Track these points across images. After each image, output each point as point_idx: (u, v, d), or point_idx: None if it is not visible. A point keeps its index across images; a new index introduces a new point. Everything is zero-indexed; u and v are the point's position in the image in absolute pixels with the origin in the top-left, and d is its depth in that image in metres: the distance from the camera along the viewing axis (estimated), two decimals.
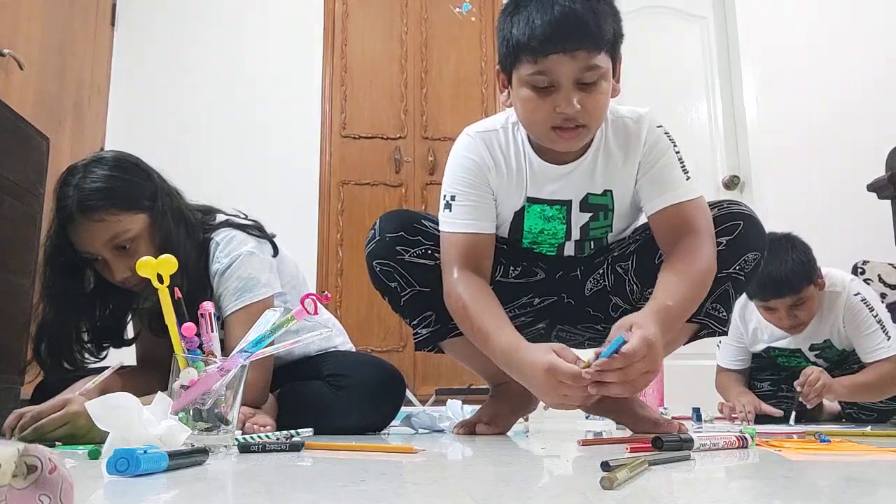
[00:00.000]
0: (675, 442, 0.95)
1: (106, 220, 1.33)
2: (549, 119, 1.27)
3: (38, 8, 2.58)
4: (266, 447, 1.00)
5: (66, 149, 2.81)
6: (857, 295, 2.08)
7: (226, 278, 1.43)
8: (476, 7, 3.65)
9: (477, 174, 1.39)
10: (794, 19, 3.77)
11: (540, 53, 1.22)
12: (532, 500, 0.57)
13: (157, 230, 1.38)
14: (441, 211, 1.40)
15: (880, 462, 0.88)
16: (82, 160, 1.40)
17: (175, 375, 0.95)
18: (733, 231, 1.35)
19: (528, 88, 1.27)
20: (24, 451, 0.40)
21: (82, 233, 1.33)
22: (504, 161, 1.40)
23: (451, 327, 1.42)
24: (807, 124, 3.60)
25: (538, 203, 1.42)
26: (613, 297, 1.50)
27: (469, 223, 1.37)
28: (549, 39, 1.21)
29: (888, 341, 2.04)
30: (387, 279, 1.42)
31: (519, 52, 1.25)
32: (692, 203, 1.34)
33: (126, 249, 1.35)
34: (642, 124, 1.38)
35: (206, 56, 3.42)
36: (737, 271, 1.36)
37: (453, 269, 1.35)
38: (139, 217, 1.36)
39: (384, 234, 1.41)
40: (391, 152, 3.49)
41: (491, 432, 1.48)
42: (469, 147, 1.41)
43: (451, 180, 1.41)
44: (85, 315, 1.46)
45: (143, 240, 1.36)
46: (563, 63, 1.22)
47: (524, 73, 1.26)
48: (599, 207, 1.43)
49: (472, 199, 1.38)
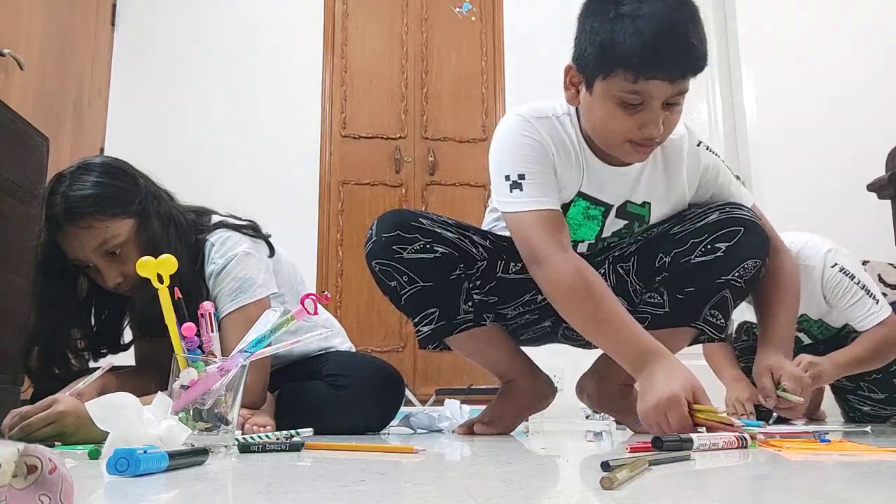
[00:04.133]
0: (675, 442, 0.95)
1: (94, 226, 1.32)
2: (629, 134, 1.26)
3: (38, 8, 2.58)
4: (266, 447, 1.00)
5: (66, 149, 2.81)
6: (835, 266, 1.98)
7: (221, 279, 1.42)
8: (476, 7, 3.65)
9: (542, 152, 1.34)
10: (794, 19, 3.77)
11: (642, 76, 1.18)
12: (532, 500, 0.57)
13: (145, 234, 1.36)
14: (507, 193, 1.33)
15: (880, 462, 0.88)
16: (69, 167, 1.38)
17: (175, 375, 0.95)
18: (733, 237, 1.33)
19: (615, 103, 1.24)
20: (24, 451, 0.40)
21: (72, 240, 1.33)
22: (563, 147, 1.37)
23: (455, 323, 1.42)
24: (807, 124, 3.60)
25: (586, 199, 1.41)
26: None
27: (547, 200, 1.32)
28: (657, 64, 1.17)
29: (877, 305, 1.95)
30: (386, 278, 1.41)
31: (616, 64, 1.20)
32: (756, 213, 1.43)
33: (116, 255, 1.34)
34: (683, 143, 1.42)
35: (206, 56, 3.42)
36: (735, 278, 1.35)
37: (547, 247, 1.28)
38: (127, 222, 1.35)
39: (380, 234, 1.40)
40: (391, 152, 3.49)
41: (489, 432, 1.48)
42: (526, 128, 1.36)
43: (516, 160, 1.34)
44: (79, 322, 1.45)
45: (132, 244, 1.35)
46: (663, 88, 1.20)
47: (616, 87, 1.22)
48: (635, 217, 1.44)
49: (543, 177, 1.33)
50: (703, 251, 1.33)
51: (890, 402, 2.17)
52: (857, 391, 2.21)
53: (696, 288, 1.36)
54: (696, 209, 1.41)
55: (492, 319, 1.45)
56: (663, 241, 1.40)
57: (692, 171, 1.43)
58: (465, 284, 1.42)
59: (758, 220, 1.38)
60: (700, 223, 1.36)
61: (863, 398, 2.21)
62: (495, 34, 3.66)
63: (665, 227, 1.42)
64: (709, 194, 1.46)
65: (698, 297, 1.37)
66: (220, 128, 3.34)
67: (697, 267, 1.34)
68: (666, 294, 1.38)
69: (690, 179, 1.43)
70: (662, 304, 1.38)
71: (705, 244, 1.33)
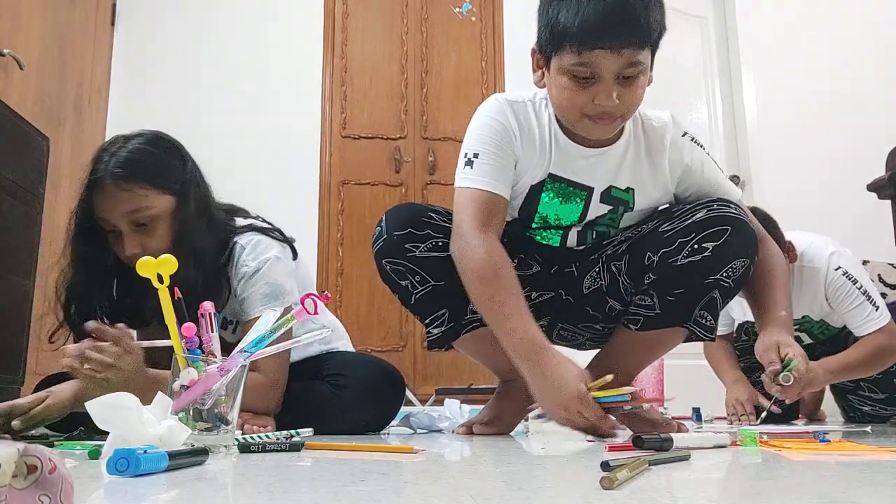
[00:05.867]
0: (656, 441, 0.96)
1: (133, 191, 1.34)
2: (584, 108, 1.28)
3: (38, 8, 2.58)
4: (266, 447, 1.00)
5: (66, 149, 2.80)
6: (839, 269, 1.99)
7: (253, 282, 1.44)
8: (476, 7, 3.66)
9: (504, 136, 1.37)
10: (794, 19, 3.77)
11: (585, 47, 1.21)
12: (532, 500, 0.57)
13: (179, 216, 1.38)
14: (461, 168, 1.37)
15: (880, 462, 0.88)
16: (127, 134, 1.42)
17: (175, 375, 0.95)
18: (720, 237, 1.31)
19: (568, 77, 1.26)
20: (24, 451, 0.40)
21: (107, 199, 1.34)
22: (528, 131, 1.39)
23: (464, 324, 1.41)
24: (807, 124, 3.60)
25: (560, 181, 1.41)
26: (609, 300, 1.49)
27: (490, 182, 1.35)
28: (597, 34, 1.20)
29: (877, 311, 1.94)
30: (398, 278, 1.39)
31: (563, 39, 1.24)
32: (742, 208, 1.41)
33: (144, 227, 1.36)
34: (666, 130, 1.42)
35: (206, 56, 3.42)
36: (724, 278, 1.33)
37: (471, 225, 1.31)
38: (165, 198, 1.37)
39: (392, 231, 1.37)
40: (391, 152, 3.49)
41: (489, 432, 1.48)
42: (496, 110, 1.39)
43: (476, 139, 1.38)
44: (102, 287, 1.45)
45: (163, 221, 1.37)
46: (608, 58, 1.22)
47: (566, 61, 1.25)
48: (620, 202, 1.44)
49: (496, 160, 1.36)
50: (690, 251, 1.31)
51: (890, 402, 2.17)
52: (857, 391, 2.22)
53: (685, 289, 1.35)
54: (683, 206, 1.39)
55: None
56: (652, 239, 1.39)
57: (675, 160, 1.42)
58: None
59: (745, 218, 1.35)
60: (688, 221, 1.34)
61: (863, 398, 2.21)
62: (495, 34, 3.66)
63: (654, 225, 1.41)
64: (695, 187, 1.45)
65: (688, 298, 1.35)
66: (220, 128, 3.33)
67: (685, 268, 1.32)
68: (656, 296, 1.37)
69: (673, 168, 1.43)
70: (653, 305, 1.38)
71: (692, 244, 1.31)
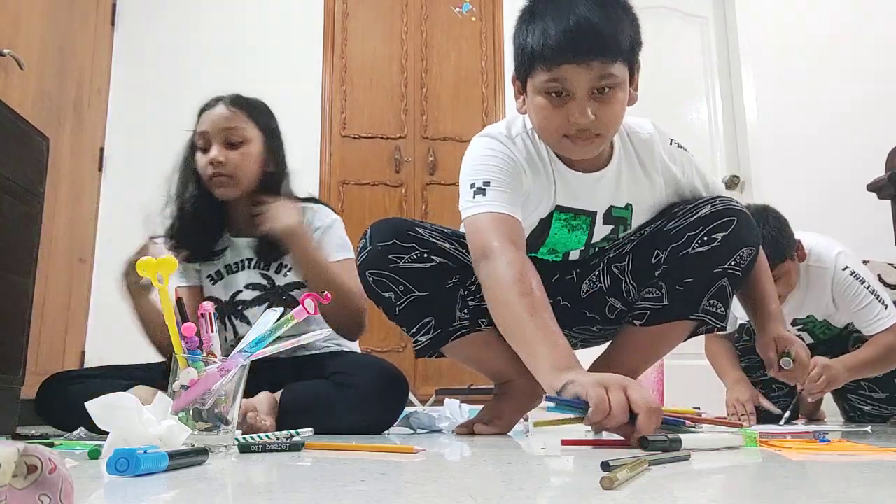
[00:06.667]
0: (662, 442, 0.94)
1: (235, 113, 1.69)
2: (562, 128, 1.27)
3: (38, 8, 2.58)
4: (266, 447, 1.00)
5: (66, 149, 2.81)
6: (846, 269, 2.01)
7: (330, 233, 1.75)
8: (476, 7, 3.65)
9: (514, 168, 1.34)
10: (794, 19, 3.77)
11: (553, 63, 1.21)
12: (532, 500, 0.57)
13: (268, 145, 1.73)
14: (470, 198, 1.32)
15: (880, 462, 0.88)
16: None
17: (175, 375, 0.95)
18: (727, 227, 1.35)
19: (542, 96, 1.26)
20: (24, 451, 0.40)
21: (207, 115, 1.71)
22: (533, 164, 1.37)
23: (451, 330, 1.42)
24: (807, 124, 3.60)
25: (565, 212, 1.42)
26: (610, 299, 1.50)
27: (508, 207, 1.30)
28: (563, 49, 1.20)
29: (886, 310, 1.96)
30: (381, 289, 1.39)
31: (533, 60, 1.25)
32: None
33: (234, 147, 1.67)
34: (654, 141, 1.42)
35: (206, 56, 3.42)
36: (733, 267, 1.36)
37: (502, 242, 1.24)
38: (256, 130, 1.71)
39: (375, 243, 1.37)
40: (391, 152, 3.49)
41: (489, 432, 1.48)
42: (498, 146, 1.36)
43: (483, 169, 1.33)
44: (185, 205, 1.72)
45: (252, 145, 1.69)
46: (577, 73, 1.21)
47: (538, 81, 1.25)
48: (620, 220, 1.45)
49: (508, 188, 1.32)
50: (701, 242, 1.35)
51: (890, 402, 2.17)
52: (857, 390, 2.22)
53: (694, 278, 1.37)
54: (685, 206, 1.41)
55: (486, 324, 1.44)
56: (658, 238, 1.41)
57: (667, 167, 1.44)
58: (461, 292, 1.42)
59: (747, 210, 1.40)
60: (693, 217, 1.37)
61: (863, 398, 2.21)
62: (495, 34, 3.66)
63: (658, 225, 1.42)
64: (689, 190, 1.47)
65: (697, 287, 1.37)
66: None
67: (696, 257, 1.35)
68: (665, 287, 1.39)
69: (667, 176, 1.44)
70: (661, 297, 1.39)
71: (702, 236, 1.35)
